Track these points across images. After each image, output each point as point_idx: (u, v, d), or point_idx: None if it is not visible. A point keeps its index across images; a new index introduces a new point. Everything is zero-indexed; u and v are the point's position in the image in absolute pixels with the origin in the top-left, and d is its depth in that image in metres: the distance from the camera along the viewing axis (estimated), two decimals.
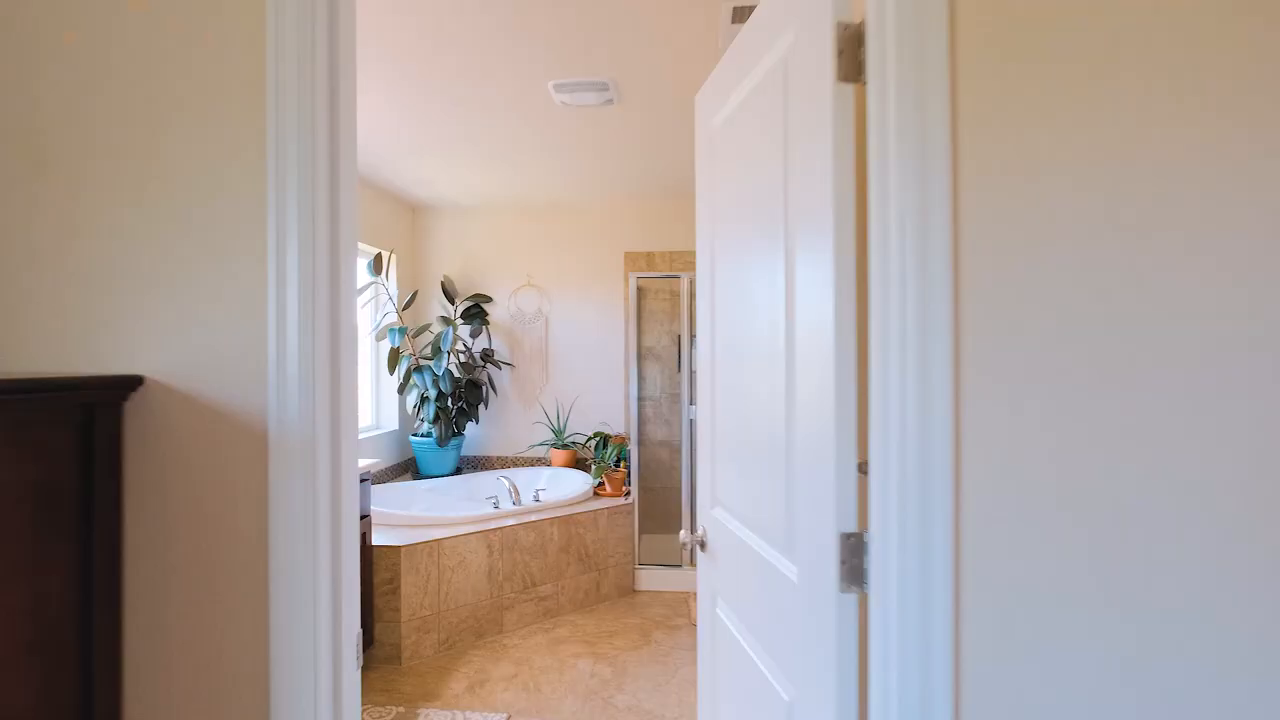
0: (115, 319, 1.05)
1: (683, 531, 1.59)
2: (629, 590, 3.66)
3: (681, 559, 3.76)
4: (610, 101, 2.64)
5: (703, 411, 1.60)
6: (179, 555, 1.00)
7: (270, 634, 0.92)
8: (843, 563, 0.94)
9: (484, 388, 4.25)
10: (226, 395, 0.95)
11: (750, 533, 1.30)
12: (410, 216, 4.44)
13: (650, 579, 3.73)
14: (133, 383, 1.00)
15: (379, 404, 4.20)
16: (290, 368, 0.85)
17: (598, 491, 3.81)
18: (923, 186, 0.87)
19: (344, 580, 0.96)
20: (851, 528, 0.95)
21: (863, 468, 0.96)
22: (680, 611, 3.45)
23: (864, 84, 0.94)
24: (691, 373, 3.77)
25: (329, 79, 0.97)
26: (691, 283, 3.75)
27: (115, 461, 1.00)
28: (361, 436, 3.80)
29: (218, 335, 0.99)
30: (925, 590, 0.88)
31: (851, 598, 0.94)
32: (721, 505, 1.49)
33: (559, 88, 2.52)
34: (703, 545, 1.58)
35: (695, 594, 3.62)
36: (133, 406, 1.02)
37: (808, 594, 1.03)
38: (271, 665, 0.94)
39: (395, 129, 2.91)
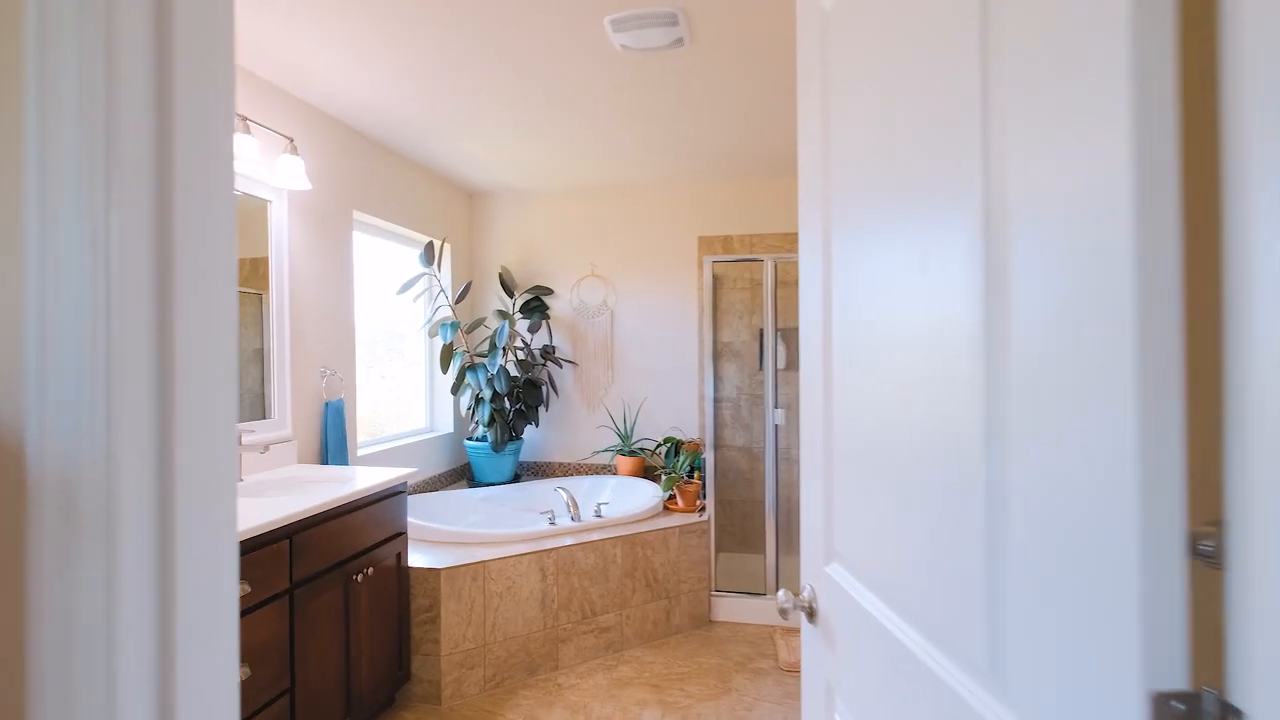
0: None
1: (781, 593, 1.10)
2: (704, 621, 3.18)
3: (766, 586, 3.24)
4: (680, 41, 2.18)
5: (810, 427, 1.11)
6: None
7: None
8: None
9: (544, 388, 3.88)
10: None
11: (901, 620, 0.81)
12: (466, 203, 4.13)
13: (729, 609, 3.23)
14: None
15: (433, 405, 3.90)
16: (57, 355, 0.45)
17: (668, 506, 3.35)
18: None
19: None
20: (1179, 683, 0.44)
21: (1204, 549, 0.45)
22: (765, 651, 2.94)
23: None
24: (776, 371, 3.25)
25: None
26: (777, 267, 3.23)
27: None
28: (413, 440, 3.49)
29: None
30: None
31: None
32: (842, 561, 1.00)
33: (618, 25, 2.08)
34: (810, 613, 1.09)
35: (781, 630, 3.10)
36: None
37: None
38: None
39: (445, 95, 2.56)
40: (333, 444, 2.69)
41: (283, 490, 2.25)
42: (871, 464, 0.88)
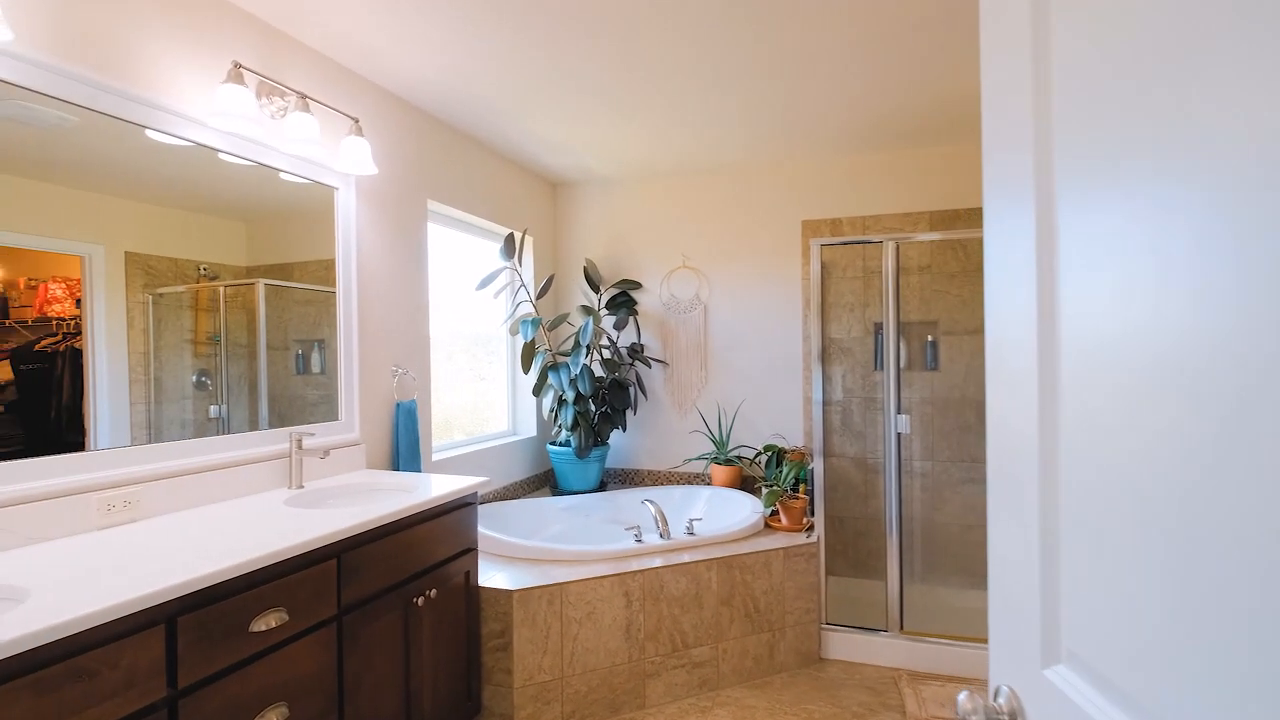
0: None
1: (963, 696, 0.72)
2: (813, 658, 2.76)
3: (888, 620, 2.77)
4: None
5: (1009, 458, 0.72)
6: None
7: None
8: None
9: (631, 389, 3.58)
10: None
11: None
12: (549, 193, 3.91)
13: (843, 645, 2.79)
14: None
15: (515, 407, 3.69)
16: None
17: (770, 523, 2.95)
18: None
19: None
20: None
21: None
22: (889, 700, 2.48)
23: None
24: (898, 371, 2.78)
25: None
26: (899, 250, 2.76)
27: None
28: (494, 444, 3.29)
29: None
30: None
31: None
32: (1077, 665, 0.61)
33: None
34: None
35: (908, 674, 2.62)
36: None
37: None
38: None
39: (522, 72, 2.30)
40: (404, 448, 2.50)
41: (342, 500, 2.06)
42: (1166, 523, 0.49)
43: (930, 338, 3.36)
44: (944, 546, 3.37)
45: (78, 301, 1.56)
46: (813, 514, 2.97)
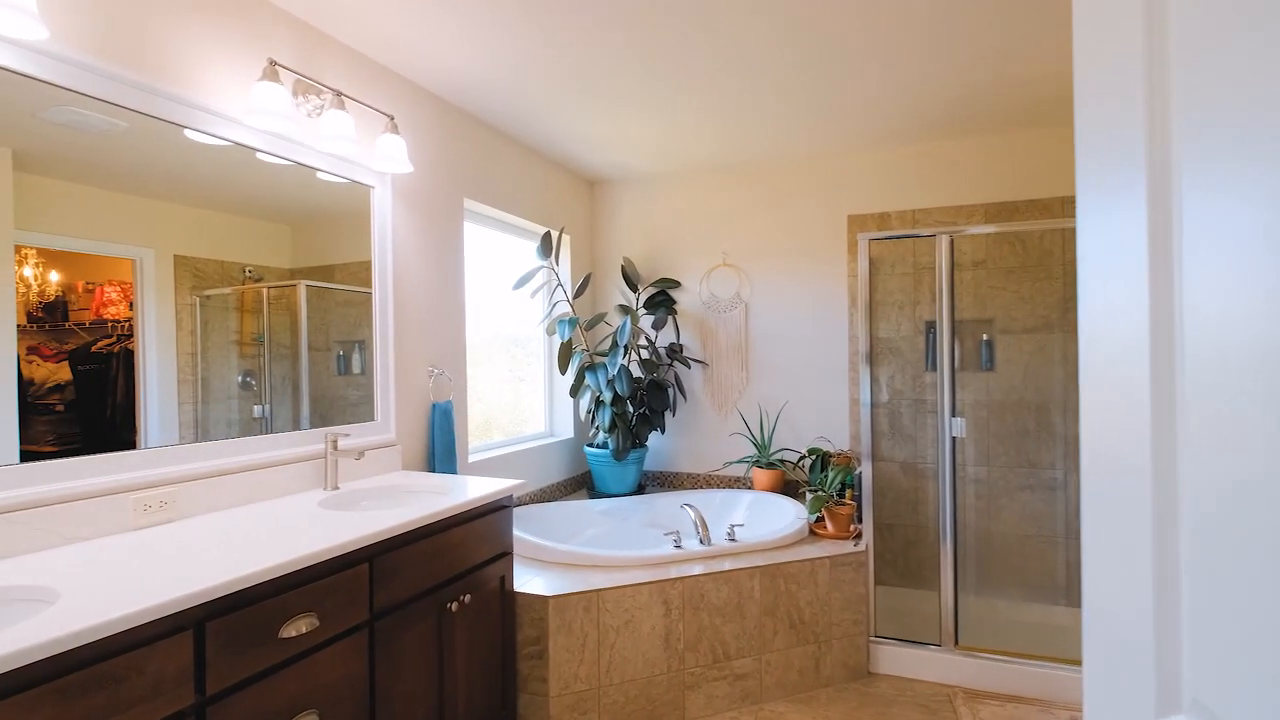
0: None
1: None
2: (861, 672, 2.63)
3: (941, 635, 2.63)
4: None
5: (1120, 481, 0.62)
6: None
7: None
8: None
9: (670, 390, 3.50)
10: None
11: None
12: (587, 191, 3.85)
13: (893, 659, 2.65)
14: None
15: (552, 408, 3.65)
16: None
17: (814, 530, 2.83)
18: None
19: None
20: None
21: None
22: (942, 718, 2.34)
23: None
24: (953, 371, 2.63)
25: None
26: (953, 245, 2.61)
27: None
28: (531, 446, 3.25)
29: None
30: None
31: None
32: (1204, 716, 0.51)
33: None
34: None
35: (963, 692, 2.47)
36: None
37: None
38: None
39: (559, 67, 2.25)
40: (440, 449, 2.47)
41: (376, 502, 2.03)
42: None
43: (985, 336, 3.19)
44: (1000, 557, 3.19)
45: (131, 304, 1.58)
46: (860, 521, 2.84)
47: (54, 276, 1.46)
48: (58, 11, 1.43)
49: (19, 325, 1.40)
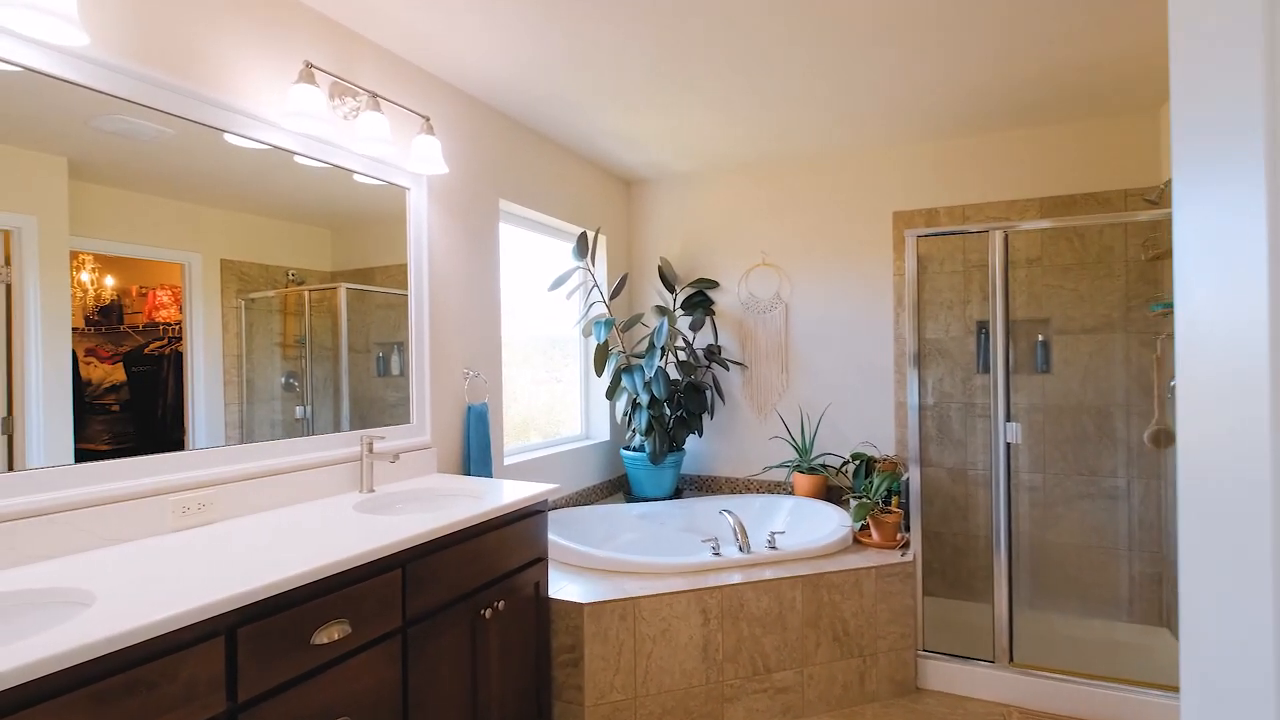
0: None
1: None
2: (909, 688, 2.51)
3: (995, 651, 2.49)
4: None
5: (1230, 501, 0.54)
6: None
7: None
8: None
9: (708, 392, 3.43)
10: None
11: None
12: (623, 192, 3.81)
13: (943, 675, 2.53)
14: None
15: (588, 411, 3.61)
16: None
17: (859, 538, 2.73)
18: None
19: None
20: None
21: None
22: None
23: None
24: (1008, 374, 2.50)
25: None
26: (1008, 241, 2.48)
27: None
28: (567, 449, 3.22)
29: None
30: None
31: None
32: None
33: None
34: None
35: (1019, 712, 2.34)
36: None
37: None
38: None
39: (595, 64, 2.21)
40: (475, 452, 2.45)
41: (410, 505, 2.02)
42: None
43: (1041, 337, 3.03)
44: (1058, 569, 3.03)
45: (180, 307, 1.61)
46: (907, 529, 2.72)
47: (109, 281, 1.49)
48: (99, 21, 1.45)
49: (77, 328, 1.43)
